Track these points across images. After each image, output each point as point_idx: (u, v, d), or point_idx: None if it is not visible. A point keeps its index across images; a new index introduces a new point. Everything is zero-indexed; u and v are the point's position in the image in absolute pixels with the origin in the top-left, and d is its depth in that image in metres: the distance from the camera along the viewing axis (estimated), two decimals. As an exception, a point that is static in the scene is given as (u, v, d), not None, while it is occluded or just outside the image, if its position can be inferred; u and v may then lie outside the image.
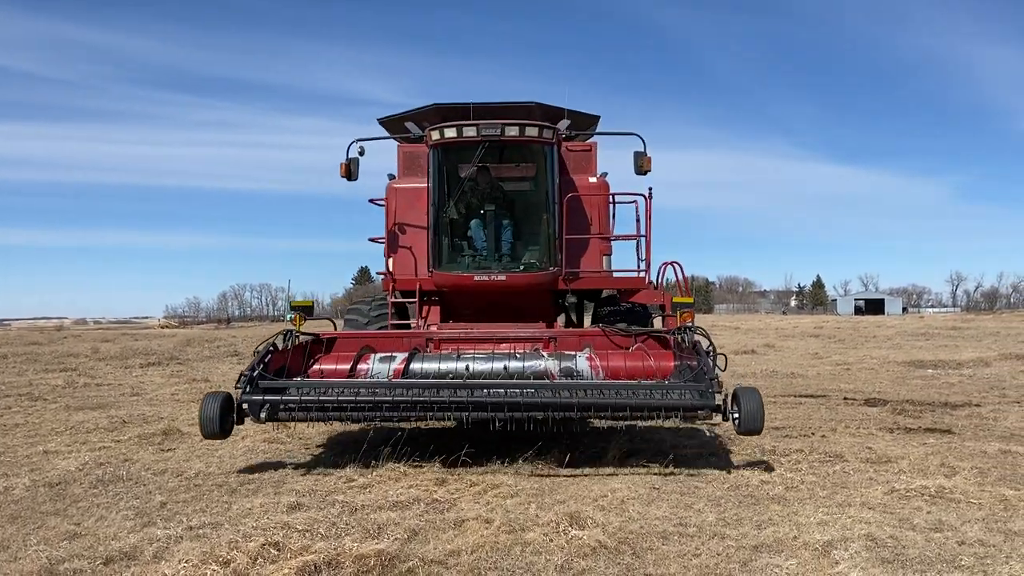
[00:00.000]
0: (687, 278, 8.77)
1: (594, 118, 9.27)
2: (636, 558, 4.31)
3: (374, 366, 7.02)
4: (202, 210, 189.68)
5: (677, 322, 7.07)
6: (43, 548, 4.44)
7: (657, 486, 5.79)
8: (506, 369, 6.88)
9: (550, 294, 8.75)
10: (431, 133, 8.21)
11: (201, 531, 4.75)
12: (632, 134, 8.42)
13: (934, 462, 6.56)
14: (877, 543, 4.49)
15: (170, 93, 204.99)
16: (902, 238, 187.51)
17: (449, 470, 6.20)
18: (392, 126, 9.24)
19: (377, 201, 9.12)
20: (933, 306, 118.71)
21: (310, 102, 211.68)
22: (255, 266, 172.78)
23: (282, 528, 4.69)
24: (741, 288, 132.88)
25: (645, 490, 5.68)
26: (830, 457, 6.87)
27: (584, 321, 9.75)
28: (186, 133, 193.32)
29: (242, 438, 7.70)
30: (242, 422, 6.19)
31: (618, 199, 9.05)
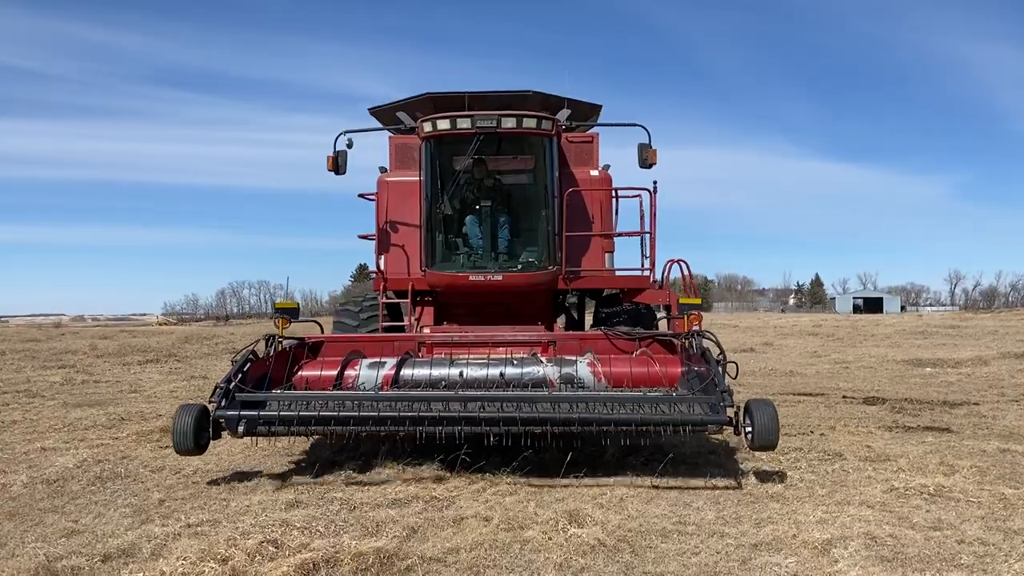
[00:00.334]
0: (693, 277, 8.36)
1: (596, 108, 8.88)
2: (635, 556, 4.30)
3: (362, 373, 6.62)
4: (201, 207, 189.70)
5: (684, 324, 6.64)
6: (41, 545, 4.43)
7: (656, 484, 5.78)
8: (502, 376, 6.47)
9: (549, 294, 8.47)
10: (423, 125, 7.83)
11: (199, 528, 4.74)
12: (636, 125, 8.05)
13: (933, 460, 6.56)
14: (876, 541, 4.48)
15: (168, 90, 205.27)
16: (901, 236, 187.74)
17: (448, 468, 6.18)
18: (384, 116, 8.83)
19: (367, 196, 8.70)
20: (931, 304, 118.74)
21: (309, 99, 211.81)
22: (254, 263, 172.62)
23: (281, 525, 4.68)
24: (740, 286, 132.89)
25: (644, 488, 5.67)
26: (829, 455, 6.87)
27: (585, 322, 9.44)
28: (184, 130, 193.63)
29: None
30: (219, 437, 5.84)
31: (621, 194, 8.66)
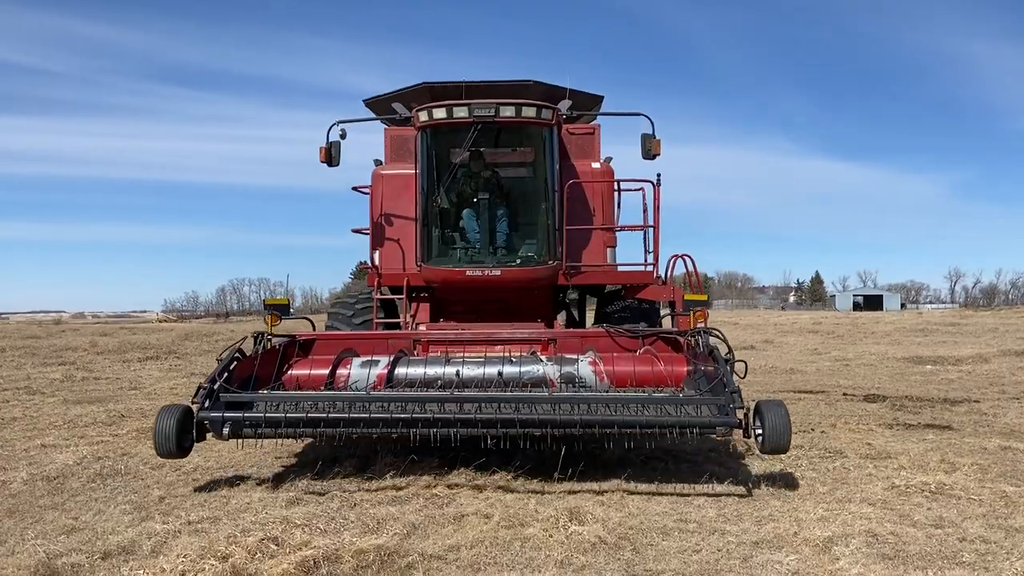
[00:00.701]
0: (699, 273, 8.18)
1: (597, 98, 8.63)
2: (636, 554, 4.29)
3: (354, 372, 6.38)
4: (201, 204, 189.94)
5: (690, 321, 6.44)
6: (41, 542, 4.41)
7: (657, 481, 5.77)
8: (500, 375, 6.20)
9: (549, 290, 8.24)
10: (418, 114, 7.54)
11: (199, 525, 4.73)
12: (639, 114, 7.78)
13: (934, 458, 6.54)
14: (878, 539, 4.48)
15: (168, 87, 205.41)
16: (901, 234, 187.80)
17: (448, 465, 6.17)
18: (379, 108, 8.55)
19: (361, 189, 8.45)
20: (932, 302, 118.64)
21: (310, 96, 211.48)
22: (254, 260, 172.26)
23: (281, 523, 4.67)
24: (740, 284, 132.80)
25: (645, 485, 5.66)
26: (830, 453, 6.86)
27: (587, 321, 9.22)
28: (184, 127, 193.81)
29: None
30: (203, 439, 5.57)
31: (623, 186, 8.44)
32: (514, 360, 6.42)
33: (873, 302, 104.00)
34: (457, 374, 6.27)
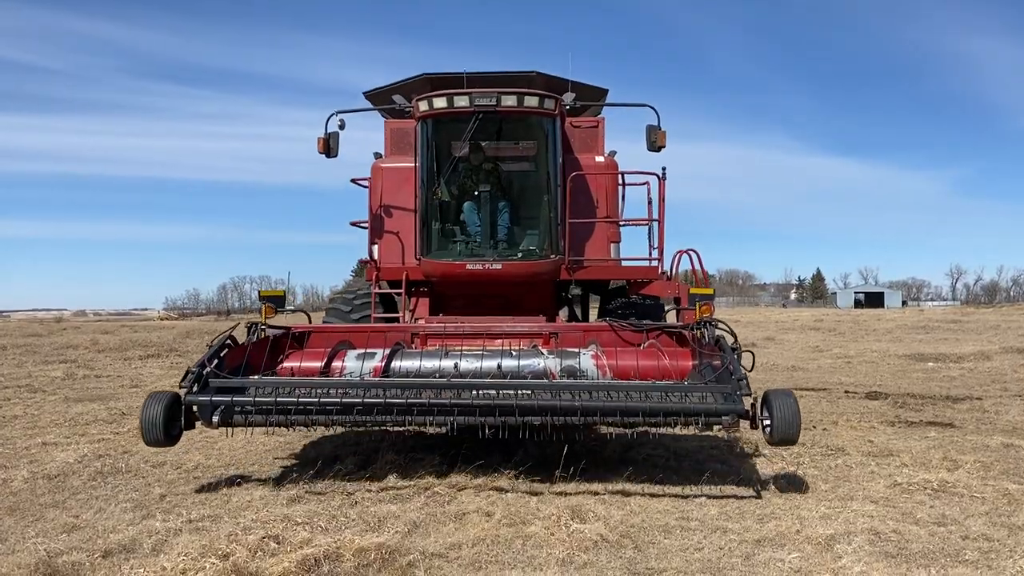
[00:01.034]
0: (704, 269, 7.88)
1: (602, 91, 8.44)
2: (638, 552, 4.29)
3: (350, 364, 6.27)
4: (202, 202, 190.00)
5: (696, 316, 6.28)
6: (41, 541, 4.40)
7: (659, 479, 5.76)
8: (499, 369, 6.05)
9: (551, 285, 8.08)
10: (418, 103, 7.37)
11: (200, 524, 4.72)
12: (644, 105, 7.63)
13: (936, 456, 6.54)
14: (880, 537, 4.47)
15: (169, 85, 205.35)
16: (902, 231, 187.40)
17: (449, 463, 6.16)
18: (379, 100, 8.42)
19: (360, 181, 8.32)
20: (933, 299, 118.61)
21: (312, 93, 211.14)
22: (255, 258, 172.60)
23: (282, 521, 4.66)
24: (741, 281, 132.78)
25: (647, 483, 5.65)
26: (832, 450, 6.85)
27: (589, 316, 9.14)
28: (186, 124, 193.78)
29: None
30: (192, 427, 5.41)
31: (628, 180, 8.29)
32: (514, 353, 6.27)
33: (874, 299, 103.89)
34: (455, 367, 6.12)
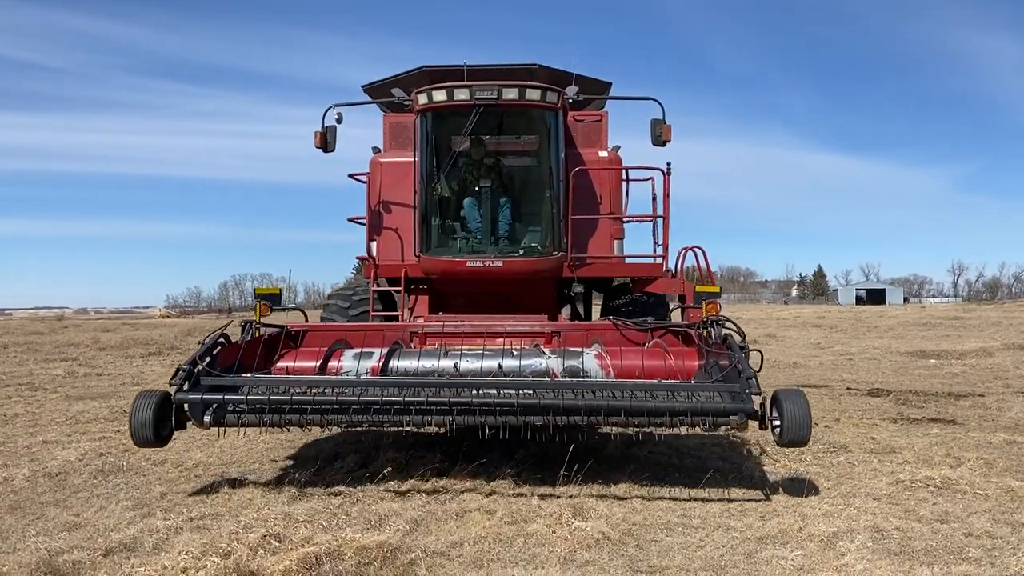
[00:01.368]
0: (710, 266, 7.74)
1: (605, 85, 8.30)
2: (640, 549, 4.27)
3: (346, 363, 6.15)
4: (203, 200, 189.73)
5: (702, 314, 6.13)
6: (42, 539, 4.41)
7: (660, 477, 5.75)
8: (500, 368, 5.93)
9: (553, 283, 7.94)
10: (418, 97, 7.20)
11: (201, 522, 4.72)
12: (649, 99, 7.48)
13: (939, 453, 6.52)
14: (883, 534, 4.45)
15: (170, 82, 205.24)
16: (904, 228, 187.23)
17: (450, 461, 6.14)
18: (378, 93, 8.25)
19: (358, 176, 8.13)
20: (935, 296, 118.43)
21: (312, 91, 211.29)
22: (256, 256, 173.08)
23: (283, 519, 4.66)
24: (742, 278, 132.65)
25: (648, 481, 5.64)
26: (834, 448, 6.84)
27: (592, 314, 9.01)
28: (187, 122, 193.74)
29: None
30: (183, 427, 5.27)
31: (632, 175, 8.14)
32: (515, 353, 6.14)
33: (876, 296, 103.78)
34: (455, 367, 6.00)
